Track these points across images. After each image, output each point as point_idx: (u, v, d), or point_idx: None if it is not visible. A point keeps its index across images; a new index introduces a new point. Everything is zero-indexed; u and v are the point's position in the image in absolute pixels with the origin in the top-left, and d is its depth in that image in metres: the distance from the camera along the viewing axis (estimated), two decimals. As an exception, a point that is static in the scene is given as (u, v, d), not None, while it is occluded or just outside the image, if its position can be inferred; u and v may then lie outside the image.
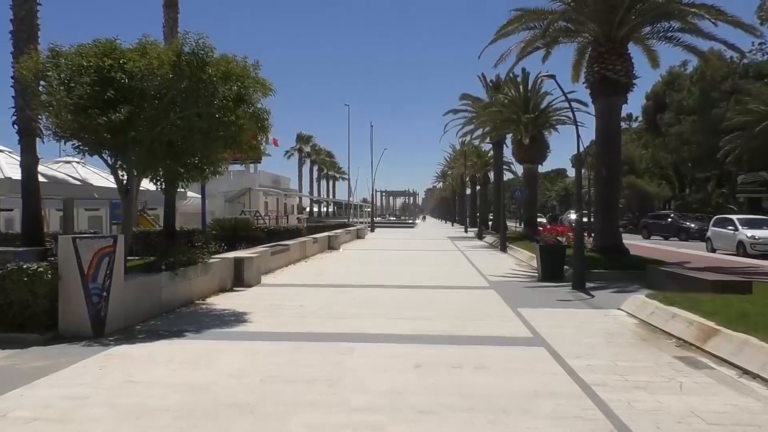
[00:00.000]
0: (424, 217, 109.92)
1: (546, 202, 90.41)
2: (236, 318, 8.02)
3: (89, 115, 7.22)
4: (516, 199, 28.82)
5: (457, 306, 9.08)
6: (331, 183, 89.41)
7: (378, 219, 65.30)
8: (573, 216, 42.56)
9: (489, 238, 29.40)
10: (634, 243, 21.75)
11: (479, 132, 34.18)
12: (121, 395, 4.68)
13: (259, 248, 14.31)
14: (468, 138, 37.22)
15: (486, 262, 17.39)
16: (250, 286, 11.28)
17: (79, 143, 7.80)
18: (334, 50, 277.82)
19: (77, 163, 13.82)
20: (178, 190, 10.41)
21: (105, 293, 6.99)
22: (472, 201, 58.91)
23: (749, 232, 20.02)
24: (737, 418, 4.21)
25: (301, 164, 74.44)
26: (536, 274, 13.23)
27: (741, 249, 19.85)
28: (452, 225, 67.25)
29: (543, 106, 27.86)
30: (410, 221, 67.84)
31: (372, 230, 41.91)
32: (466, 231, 42.94)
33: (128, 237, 8.27)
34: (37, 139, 9.14)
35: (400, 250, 23.10)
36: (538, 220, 43.82)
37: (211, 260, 10.24)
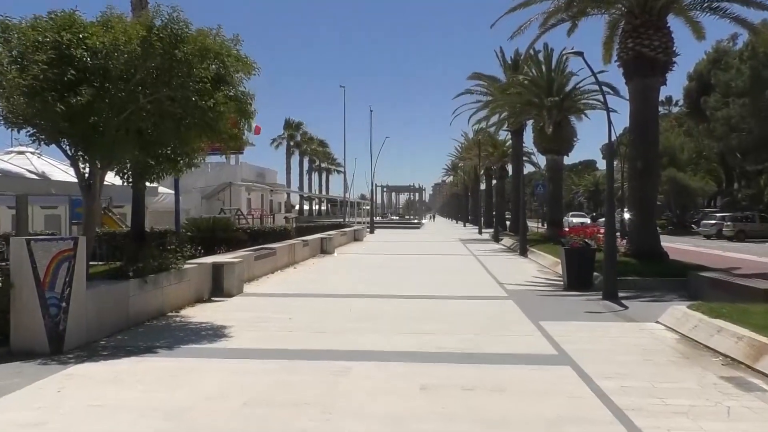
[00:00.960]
0: (432, 216, 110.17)
1: (572, 199, 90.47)
2: (215, 332, 8.05)
3: (46, 98, 7.24)
4: (538, 196, 28.90)
5: (470, 319, 9.11)
6: (324, 177, 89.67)
7: (378, 219, 65.44)
8: (575, 220, 42.60)
9: (507, 241, 29.46)
10: (677, 246, 21.75)
11: (495, 118, 34.25)
12: (83, 421, 4.69)
13: (241, 252, 14.34)
14: (482, 125, 37.27)
15: (503, 268, 17.45)
16: (230, 295, 11.32)
17: (35, 131, 7.83)
18: (328, 27, 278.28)
19: (32, 153, 13.85)
20: (148, 185, 10.45)
21: (64, 304, 7.00)
22: (487, 197, 59.08)
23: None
24: (793, 448, 4.22)
25: (289, 155, 74.59)
26: (561, 282, 13.28)
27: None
28: (464, 225, 67.39)
29: (569, 88, 27.91)
30: (416, 221, 67.94)
31: (371, 231, 41.96)
32: (480, 232, 43.03)
33: (91, 239, 8.29)
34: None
35: (404, 254, 23.19)
36: (575, 219, 43.79)
37: (186, 266, 10.27)
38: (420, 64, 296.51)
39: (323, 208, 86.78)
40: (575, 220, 44.36)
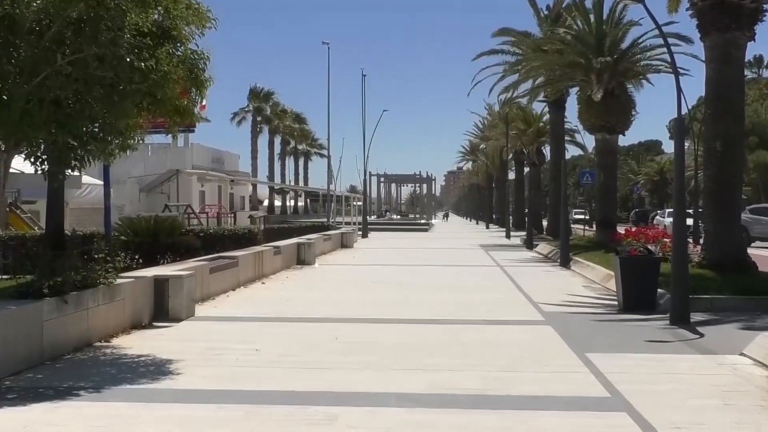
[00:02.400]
0: (445, 215, 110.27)
1: (630, 192, 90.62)
2: (157, 368, 8.03)
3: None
4: (585, 187, 28.92)
5: (495, 351, 9.12)
6: (302, 163, 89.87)
7: (373, 218, 65.29)
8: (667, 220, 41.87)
9: (543, 247, 29.49)
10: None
11: (527, 85, 34.27)
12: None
13: (192, 262, 14.35)
14: (510, 94, 37.23)
15: (539, 283, 17.49)
16: (178, 319, 11.32)
17: None
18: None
19: None
20: (69, 173, 10.42)
21: (-44, 331, 6.97)
22: (518, 190, 59.29)
23: None
24: None
25: (255, 133, 74.80)
26: (615, 302, 13.29)
27: None
28: (486, 227, 67.50)
29: (625, 44, 27.94)
30: (423, 221, 67.92)
31: (364, 235, 42.01)
32: (507, 236, 43.11)
33: (-8, 245, 8.26)
34: None
35: (408, 265, 23.23)
36: (663, 219, 43.03)
37: (120, 281, 10.26)
38: (428, 19, 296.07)
39: (301, 204, 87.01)
40: (667, 220, 37.32)
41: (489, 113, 66.20)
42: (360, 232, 41.81)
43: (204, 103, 13.39)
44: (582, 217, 45.88)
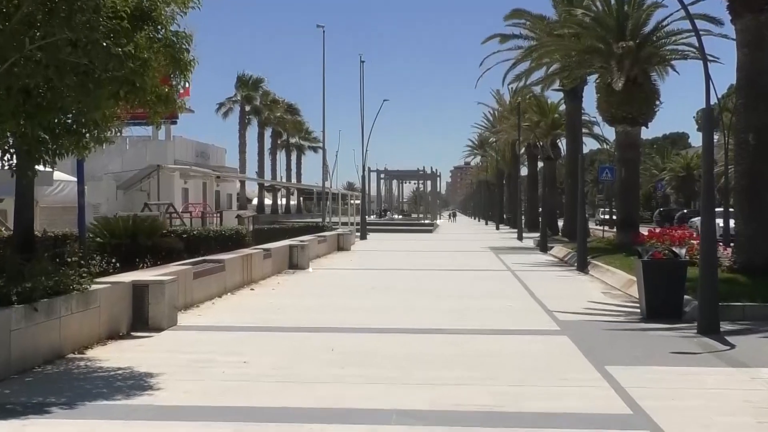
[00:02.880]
0: (451, 215, 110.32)
1: (654, 190, 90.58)
2: (136, 382, 8.02)
3: None
4: (604, 184, 28.88)
5: (506, 363, 9.12)
6: (294, 158, 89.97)
7: (373, 218, 65.52)
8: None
9: (558, 250, 29.51)
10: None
11: (541, 73, 34.28)
12: None
13: (174, 267, 14.31)
14: (523, 82, 37.31)
15: (554, 289, 17.52)
16: (159, 329, 11.29)
17: None
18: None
19: None
20: (40, 169, 10.39)
21: None
22: (530, 187, 59.18)
23: None
24: None
25: (244, 125, 74.86)
26: (638, 310, 13.30)
27: None
28: (497, 227, 67.43)
29: (649, 28, 27.93)
30: (427, 222, 67.95)
31: (363, 237, 42.02)
32: (520, 237, 43.13)
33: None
34: None
35: (410, 270, 23.24)
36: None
37: (95, 287, 10.23)
38: (432, 1, 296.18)
39: (293, 203, 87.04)
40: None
41: (499, 103, 66.23)
42: (358, 234, 41.80)
43: (187, 86, 13.34)
44: (608, 217, 45.60)
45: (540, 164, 54.84)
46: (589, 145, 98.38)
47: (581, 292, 16.75)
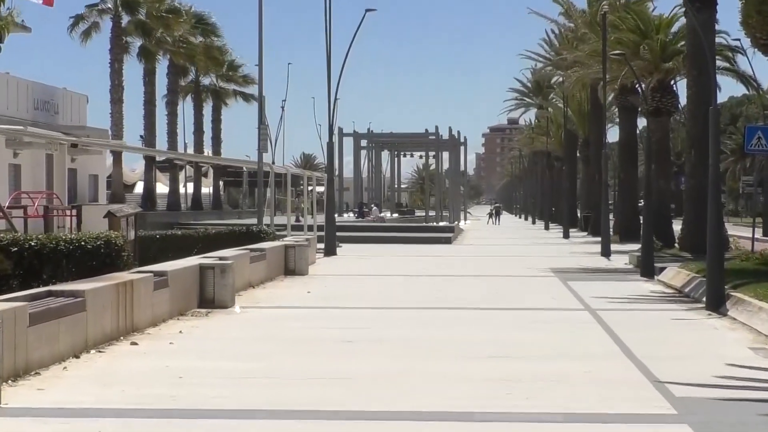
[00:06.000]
0: (494, 211, 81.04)
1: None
2: None
3: None
4: (755, 157, 23.33)
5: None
6: (208, 113, 60.82)
7: (348, 217, 54.42)
8: None
9: (674, 274, 22.64)
10: None
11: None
12: None
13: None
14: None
15: (667, 344, 13.29)
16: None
17: None
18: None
19: None
20: None
21: None
22: (623, 160, 40.69)
23: None
24: None
25: (119, 53, 47.58)
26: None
27: None
28: (564, 235, 48.45)
29: None
30: (441, 225, 49.76)
31: (329, 251, 32.48)
32: (605, 252, 31.33)
33: None
34: None
35: (410, 308, 17.93)
36: None
37: None
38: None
39: (208, 191, 64.06)
40: None
41: (569, 13, 45.99)
42: (321, 246, 32.07)
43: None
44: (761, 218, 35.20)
45: (641, 122, 39.88)
46: (728, 89, 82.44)
47: (713, 348, 12.96)
